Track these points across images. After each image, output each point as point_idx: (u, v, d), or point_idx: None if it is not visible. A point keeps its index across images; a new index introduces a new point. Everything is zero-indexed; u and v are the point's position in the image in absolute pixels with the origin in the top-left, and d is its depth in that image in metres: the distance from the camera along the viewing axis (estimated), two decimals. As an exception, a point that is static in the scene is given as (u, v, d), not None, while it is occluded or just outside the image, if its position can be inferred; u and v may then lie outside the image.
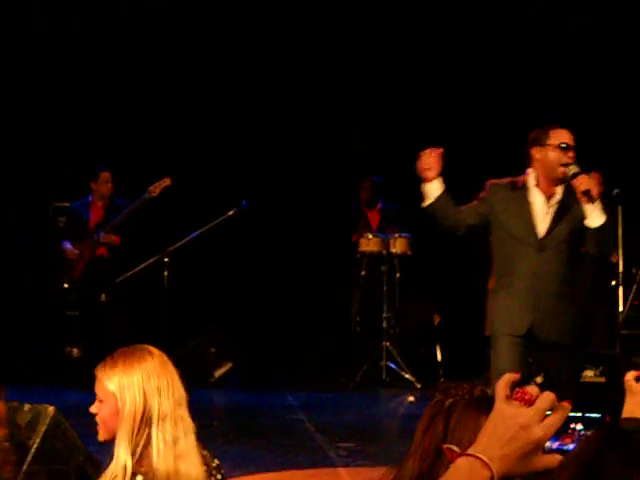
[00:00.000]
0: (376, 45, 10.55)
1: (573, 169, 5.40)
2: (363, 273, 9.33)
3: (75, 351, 9.37)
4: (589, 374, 7.95)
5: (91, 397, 8.84)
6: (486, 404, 2.36)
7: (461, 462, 1.72)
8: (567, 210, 5.56)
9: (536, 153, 5.61)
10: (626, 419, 2.40)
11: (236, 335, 9.04)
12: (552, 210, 5.60)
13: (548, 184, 5.60)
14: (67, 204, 9.65)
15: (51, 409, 4.45)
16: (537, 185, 5.62)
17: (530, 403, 1.72)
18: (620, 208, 8.05)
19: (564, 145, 5.53)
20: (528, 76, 10.06)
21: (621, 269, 8.21)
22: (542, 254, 5.57)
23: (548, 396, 1.71)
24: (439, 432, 2.39)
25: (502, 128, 9.52)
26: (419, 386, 8.88)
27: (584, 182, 5.35)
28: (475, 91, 10.23)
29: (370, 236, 9.28)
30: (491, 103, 10.16)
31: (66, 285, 9.32)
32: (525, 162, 5.68)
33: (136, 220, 9.09)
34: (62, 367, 9.16)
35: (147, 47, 10.47)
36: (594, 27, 9.95)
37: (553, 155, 5.55)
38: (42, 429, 4.38)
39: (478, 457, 1.70)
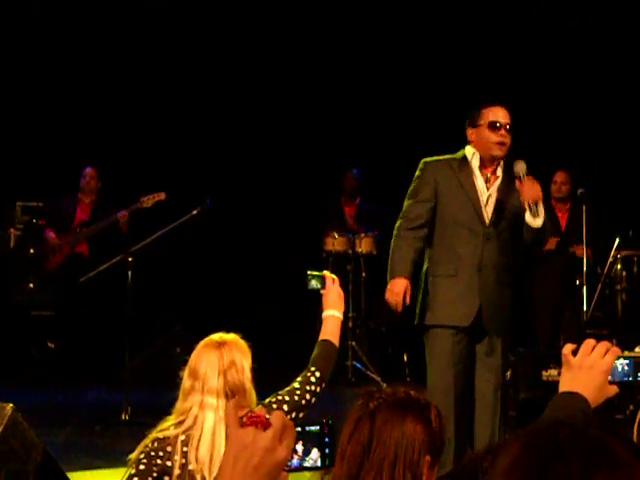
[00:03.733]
0: (364, 43, 10.55)
1: (522, 169, 5.21)
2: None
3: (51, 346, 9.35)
4: (553, 373, 8.00)
5: (52, 397, 8.75)
6: (411, 405, 2.48)
7: None
8: (509, 195, 5.37)
9: (471, 134, 5.45)
10: (563, 393, 2.42)
11: (201, 335, 8.95)
12: (495, 195, 5.41)
13: (487, 165, 5.40)
14: (36, 204, 9.63)
15: (9, 408, 4.40)
16: (479, 167, 5.43)
17: (264, 425, 1.69)
18: (584, 208, 8.08)
19: (496, 123, 5.34)
20: (505, 77, 10.07)
21: (585, 269, 8.23)
22: (488, 242, 5.36)
23: (279, 415, 1.70)
24: (364, 435, 2.43)
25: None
26: (385, 386, 8.84)
27: (531, 194, 5.17)
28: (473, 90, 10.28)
29: (336, 235, 9.24)
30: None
31: (31, 285, 9.28)
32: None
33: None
34: (23, 367, 9.11)
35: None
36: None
37: (485, 134, 5.36)
38: None
39: None
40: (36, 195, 9.78)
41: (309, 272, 3.75)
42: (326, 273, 3.80)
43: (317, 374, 3.71)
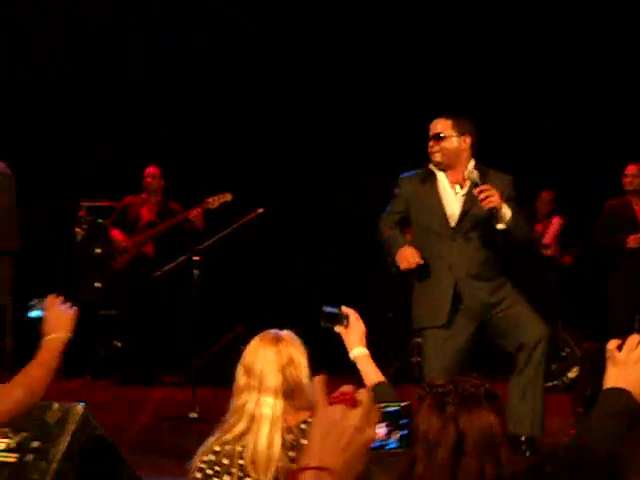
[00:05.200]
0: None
1: (472, 178, 5.50)
2: (394, 270, 9.26)
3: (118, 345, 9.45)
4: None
5: (120, 396, 8.85)
6: (487, 396, 2.41)
7: (307, 477, 1.65)
8: (475, 197, 5.56)
9: None
10: (610, 389, 2.40)
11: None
12: (461, 198, 5.67)
13: (448, 173, 5.72)
14: (101, 203, 9.71)
15: (80, 407, 4.46)
16: (446, 175, 5.73)
17: (353, 403, 1.69)
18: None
19: (429, 135, 5.74)
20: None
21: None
22: (455, 242, 5.64)
23: (366, 393, 1.70)
24: (444, 429, 2.33)
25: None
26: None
27: (486, 202, 5.38)
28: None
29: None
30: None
31: (99, 284, 9.38)
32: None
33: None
34: (93, 365, 9.21)
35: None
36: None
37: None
38: (71, 427, 4.39)
39: (322, 468, 1.65)
40: (101, 195, 9.85)
41: (324, 309, 3.57)
42: (346, 309, 3.59)
43: None
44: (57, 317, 3.47)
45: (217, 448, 3.19)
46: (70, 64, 10.41)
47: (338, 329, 3.54)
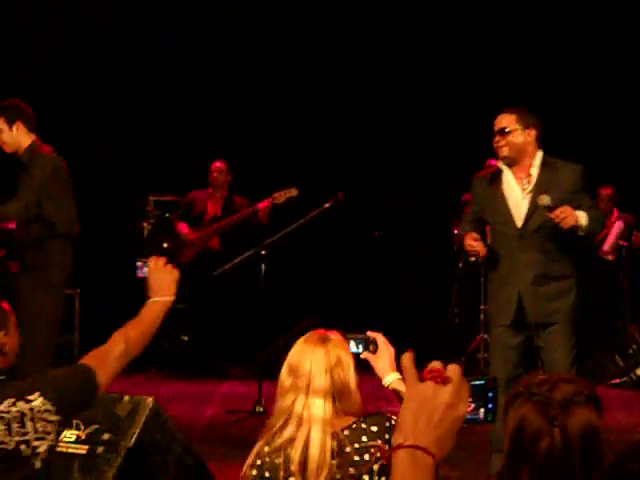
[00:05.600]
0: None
1: (543, 202, 5.48)
2: (460, 265, 9.31)
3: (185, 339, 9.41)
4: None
5: (186, 390, 8.82)
6: (589, 395, 2.30)
7: (401, 456, 1.65)
8: (546, 191, 5.58)
9: None
10: None
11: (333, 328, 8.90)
12: (527, 196, 5.67)
13: (515, 170, 5.70)
14: (169, 198, 9.68)
15: (150, 400, 4.47)
16: (513, 172, 5.72)
17: (443, 380, 1.69)
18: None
19: (494, 130, 5.72)
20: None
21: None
22: (522, 241, 5.64)
23: (456, 369, 1.70)
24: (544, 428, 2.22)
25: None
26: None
27: (565, 221, 5.41)
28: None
29: None
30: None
31: None
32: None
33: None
34: (159, 359, 9.16)
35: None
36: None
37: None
38: (141, 420, 4.40)
39: (417, 446, 1.65)
40: (169, 189, 9.83)
41: (349, 336, 3.40)
42: (373, 334, 3.45)
43: None
44: (160, 280, 3.44)
45: (267, 449, 3.14)
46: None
47: (365, 355, 3.40)
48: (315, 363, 3.12)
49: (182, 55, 10.67)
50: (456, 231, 5.73)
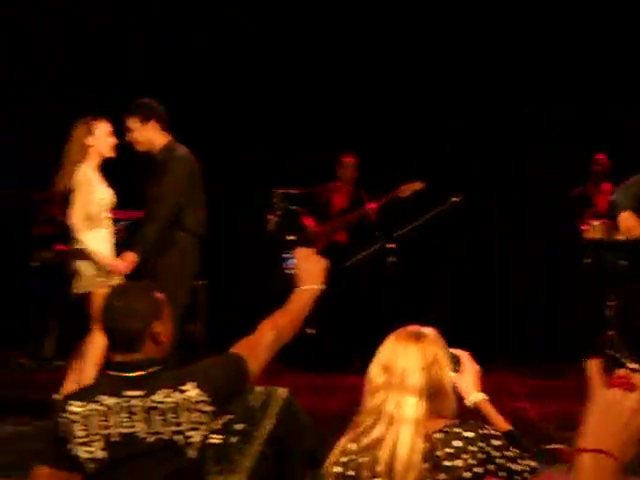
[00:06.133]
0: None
1: None
2: (588, 261, 9.14)
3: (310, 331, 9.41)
4: None
5: (315, 380, 8.68)
6: None
7: (585, 460, 1.68)
8: None
9: None
10: None
11: (455, 323, 8.84)
12: None
13: None
14: (295, 191, 9.66)
15: (283, 391, 4.52)
16: None
17: (630, 387, 1.71)
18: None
19: None
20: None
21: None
22: None
23: None
24: None
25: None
26: None
27: None
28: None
29: (595, 223, 9.05)
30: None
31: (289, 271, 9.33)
32: None
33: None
34: (286, 352, 9.11)
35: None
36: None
37: None
38: (274, 411, 4.46)
39: (600, 451, 1.67)
40: (295, 182, 9.78)
41: None
42: (456, 351, 3.29)
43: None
44: (309, 269, 3.49)
45: (353, 447, 3.06)
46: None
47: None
48: (410, 360, 3.00)
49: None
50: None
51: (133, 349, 3.13)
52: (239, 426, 4.39)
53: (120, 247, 6.74)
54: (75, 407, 3.09)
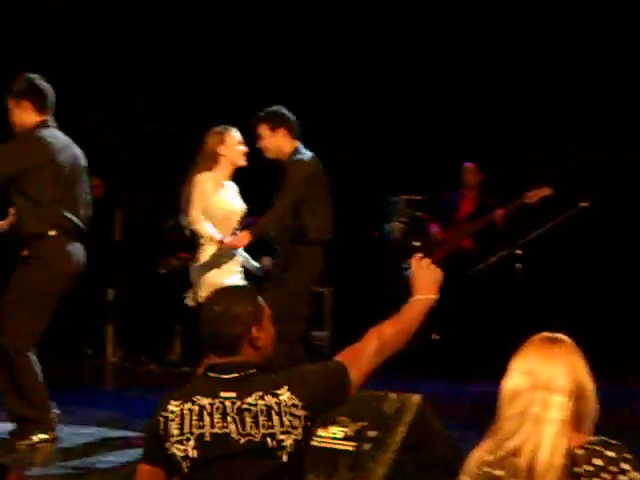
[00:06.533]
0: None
1: None
2: None
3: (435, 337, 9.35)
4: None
5: (438, 389, 8.47)
6: None
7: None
8: None
9: None
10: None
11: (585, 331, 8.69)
12: None
13: None
14: (420, 197, 9.63)
15: (417, 398, 4.52)
16: None
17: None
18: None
19: None
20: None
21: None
22: None
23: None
24: None
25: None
26: None
27: None
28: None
29: None
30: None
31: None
32: None
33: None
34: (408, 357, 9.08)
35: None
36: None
37: None
38: (408, 418, 4.44)
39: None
40: (420, 188, 9.81)
41: None
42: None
43: None
44: (423, 278, 3.50)
45: (489, 458, 2.89)
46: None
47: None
48: (555, 364, 2.92)
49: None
50: None
51: (231, 352, 3.20)
52: (372, 433, 4.40)
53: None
54: (172, 406, 3.15)
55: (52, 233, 6.27)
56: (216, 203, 6.62)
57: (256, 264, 6.97)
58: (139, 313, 9.89)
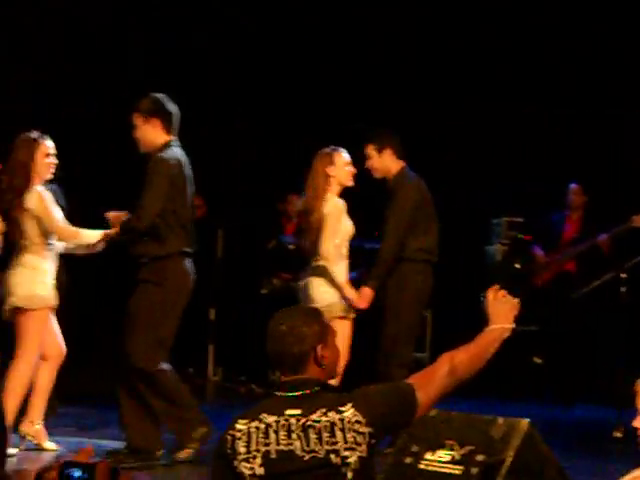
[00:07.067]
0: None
1: None
2: None
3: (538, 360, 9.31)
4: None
5: (540, 413, 8.29)
6: None
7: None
8: None
9: None
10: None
11: None
12: None
13: None
14: (522, 219, 9.63)
15: (525, 423, 4.46)
16: None
17: None
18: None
19: None
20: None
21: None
22: None
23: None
24: None
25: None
26: None
27: None
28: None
29: None
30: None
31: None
32: None
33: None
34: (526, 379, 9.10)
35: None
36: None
37: None
38: (516, 443, 4.40)
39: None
40: (523, 211, 9.74)
41: None
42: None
43: None
44: (499, 308, 3.51)
45: None
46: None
47: None
48: None
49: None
50: None
51: (297, 371, 3.26)
52: (480, 457, 4.38)
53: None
54: (240, 425, 3.21)
55: (173, 255, 6.38)
56: (344, 228, 6.71)
57: None
58: (240, 333, 9.93)
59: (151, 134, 6.53)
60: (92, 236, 6.53)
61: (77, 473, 2.20)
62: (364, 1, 10.74)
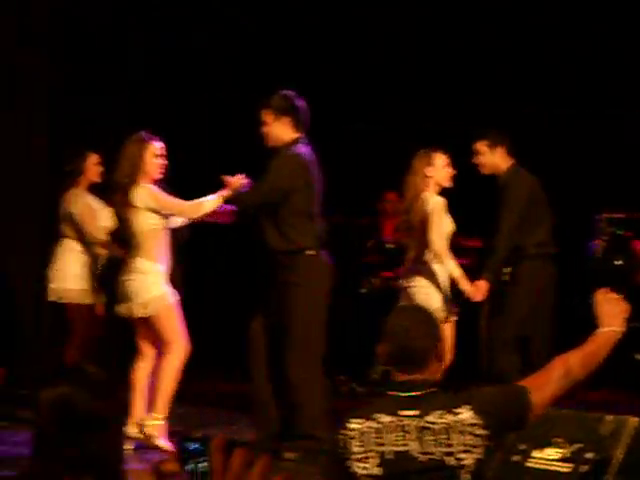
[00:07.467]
0: None
1: None
2: None
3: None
4: None
5: None
6: None
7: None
8: None
9: None
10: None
11: None
12: None
13: None
14: (621, 215, 9.50)
15: (634, 420, 4.46)
16: None
17: None
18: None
19: None
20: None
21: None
22: None
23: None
24: None
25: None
26: None
27: None
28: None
29: None
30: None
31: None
32: None
33: None
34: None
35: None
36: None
37: None
38: (626, 440, 4.40)
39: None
40: (622, 206, 9.55)
41: None
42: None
43: None
44: (609, 311, 3.49)
45: None
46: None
47: None
48: None
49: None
50: None
51: (419, 368, 3.25)
52: (589, 455, 4.38)
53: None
54: (354, 424, 3.20)
55: (311, 252, 6.47)
56: (447, 227, 6.81)
57: None
58: (340, 332, 9.89)
59: (280, 131, 6.66)
60: (213, 202, 6.54)
61: (193, 446, 2.24)
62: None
